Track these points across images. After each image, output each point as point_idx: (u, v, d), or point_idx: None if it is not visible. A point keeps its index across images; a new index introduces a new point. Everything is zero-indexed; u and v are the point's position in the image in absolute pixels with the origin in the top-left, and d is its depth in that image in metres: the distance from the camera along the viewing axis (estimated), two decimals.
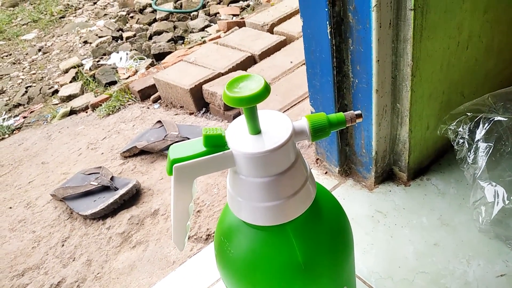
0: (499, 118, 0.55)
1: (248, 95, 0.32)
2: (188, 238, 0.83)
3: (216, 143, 0.35)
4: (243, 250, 0.39)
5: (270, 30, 1.50)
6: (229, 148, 0.35)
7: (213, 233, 0.82)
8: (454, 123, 0.61)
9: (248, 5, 2.35)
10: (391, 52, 0.58)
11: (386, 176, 0.72)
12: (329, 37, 0.59)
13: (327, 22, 0.58)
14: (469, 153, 0.58)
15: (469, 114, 0.60)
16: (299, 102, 1.10)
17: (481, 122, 0.57)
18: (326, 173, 0.75)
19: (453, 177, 0.69)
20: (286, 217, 0.37)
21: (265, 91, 0.33)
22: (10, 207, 1.14)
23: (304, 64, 1.27)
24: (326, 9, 0.56)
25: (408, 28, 0.55)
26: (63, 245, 0.92)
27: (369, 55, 0.57)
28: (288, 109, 1.09)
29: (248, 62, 1.35)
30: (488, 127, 0.56)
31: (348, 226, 0.42)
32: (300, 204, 0.37)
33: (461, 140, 0.60)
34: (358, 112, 0.37)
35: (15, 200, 1.17)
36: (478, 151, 0.57)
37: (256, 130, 0.35)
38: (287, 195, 0.36)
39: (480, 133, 0.56)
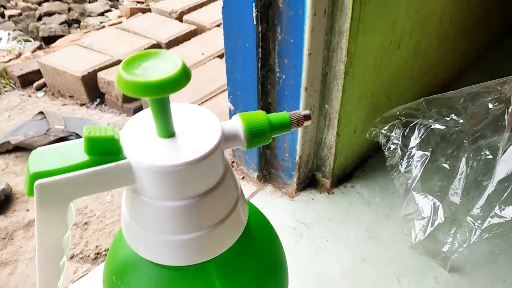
0: (437, 125, 0.51)
1: (158, 79, 0.21)
2: (71, 258, 0.67)
3: (105, 150, 0.23)
4: None
5: (179, 18, 1.37)
6: (125, 158, 0.24)
7: (104, 251, 0.68)
8: (387, 127, 0.56)
9: None
10: (323, 46, 0.51)
11: (308, 182, 0.65)
12: (255, 23, 0.49)
13: (253, 5, 0.48)
14: (401, 161, 0.54)
15: (402, 118, 0.55)
16: (211, 97, 1.00)
17: (416, 128, 0.53)
18: (243, 178, 0.67)
19: (377, 185, 0.65)
20: (208, 254, 0.26)
21: (183, 75, 0.22)
22: None
23: (216, 56, 1.18)
24: None
25: (345, 18, 0.48)
26: None
27: (300, 47, 0.49)
28: (199, 104, 0.98)
29: None
30: (424, 134, 0.51)
31: (284, 257, 0.33)
32: (229, 234, 0.27)
33: (393, 146, 0.55)
34: (307, 112, 0.28)
35: None
36: (412, 159, 0.52)
37: (168, 131, 0.24)
38: (211, 224, 0.26)
39: (415, 140, 0.51)
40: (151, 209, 0.25)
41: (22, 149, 0.94)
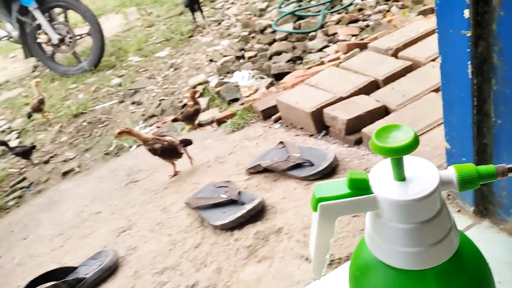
0: None
1: (397, 146, 0.34)
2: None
3: (360, 186, 0.37)
4: None
5: (395, 55, 1.47)
6: (372, 193, 0.37)
7: (337, 259, 0.84)
8: None
9: (367, 25, 2.32)
10: None
11: None
12: (470, 77, 0.57)
13: (468, 63, 0.56)
14: None
15: None
16: (427, 131, 1.06)
17: None
18: (459, 211, 0.72)
19: None
20: (426, 264, 0.37)
21: (414, 143, 0.34)
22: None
23: (432, 91, 1.23)
24: (468, 50, 0.55)
25: None
26: (195, 251, 1.02)
27: None
28: None
29: (371, 87, 1.35)
30: None
31: (492, 282, 0.41)
32: (442, 253, 0.37)
33: None
34: (511, 166, 0.36)
35: (152, 204, 1.33)
36: None
37: (401, 177, 0.37)
38: (429, 243, 0.37)
39: None
40: (388, 228, 0.37)
41: (268, 171, 1.21)
